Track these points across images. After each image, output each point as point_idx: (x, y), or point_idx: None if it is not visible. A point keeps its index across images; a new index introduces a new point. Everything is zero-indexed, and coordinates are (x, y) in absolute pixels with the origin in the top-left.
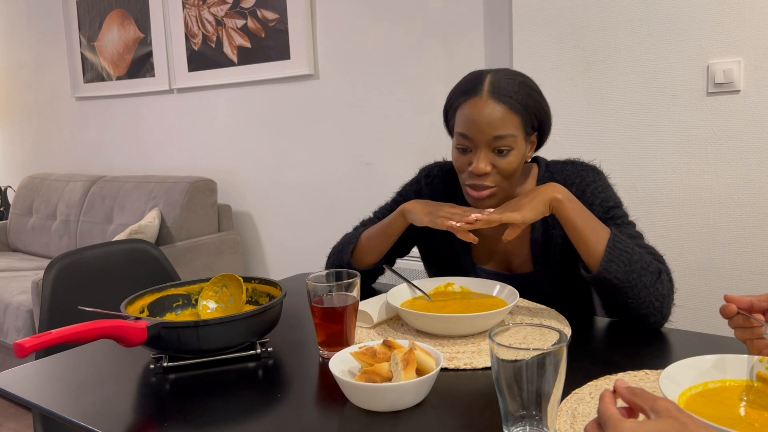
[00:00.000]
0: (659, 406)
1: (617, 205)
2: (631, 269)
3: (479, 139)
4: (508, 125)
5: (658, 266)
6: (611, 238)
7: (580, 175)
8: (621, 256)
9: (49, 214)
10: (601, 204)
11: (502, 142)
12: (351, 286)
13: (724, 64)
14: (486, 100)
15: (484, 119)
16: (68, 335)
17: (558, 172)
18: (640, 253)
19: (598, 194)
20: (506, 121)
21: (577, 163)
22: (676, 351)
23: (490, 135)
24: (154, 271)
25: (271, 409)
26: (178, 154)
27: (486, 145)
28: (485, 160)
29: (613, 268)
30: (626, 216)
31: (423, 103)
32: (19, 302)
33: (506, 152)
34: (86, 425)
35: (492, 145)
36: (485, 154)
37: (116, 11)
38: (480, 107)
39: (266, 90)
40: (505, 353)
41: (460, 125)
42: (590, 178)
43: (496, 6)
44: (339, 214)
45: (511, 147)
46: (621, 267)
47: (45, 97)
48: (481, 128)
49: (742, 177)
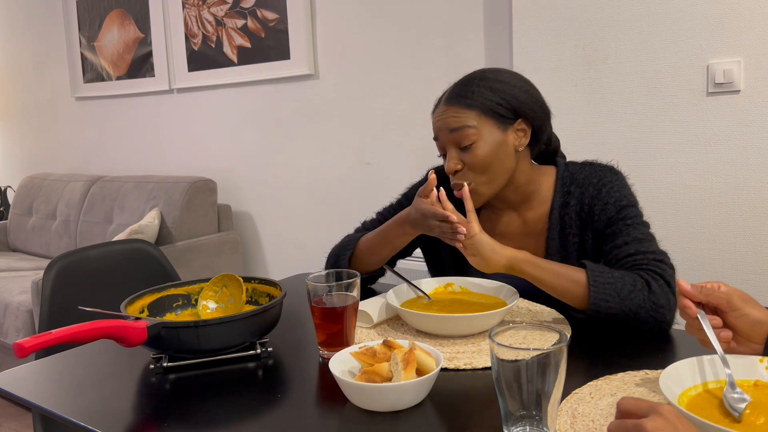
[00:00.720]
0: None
1: (631, 205)
2: (620, 297)
3: (444, 139)
4: (462, 118)
5: (645, 278)
6: (589, 274)
7: (598, 175)
8: (606, 288)
9: (49, 214)
10: (614, 203)
11: (460, 135)
12: (351, 286)
13: (724, 64)
14: (442, 106)
15: (442, 123)
16: (68, 335)
17: (577, 171)
18: (621, 276)
19: (613, 193)
20: (459, 115)
21: (595, 164)
22: (676, 351)
23: (447, 132)
24: (154, 271)
25: (271, 409)
26: (178, 154)
27: (451, 144)
28: (453, 158)
29: (603, 305)
30: (639, 216)
31: (423, 103)
32: (19, 302)
33: (470, 146)
34: (86, 425)
35: (454, 141)
36: (452, 152)
37: (116, 11)
38: (439, 113)
39: (266, 90)
40: (505, 353)
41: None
42: (608, 178)
43: (496, 6)
44: (339, 214)
45: (472, 140)
46: (611, 299)
47: (45, 97)
48: (442, 128)
49: (742, 177)
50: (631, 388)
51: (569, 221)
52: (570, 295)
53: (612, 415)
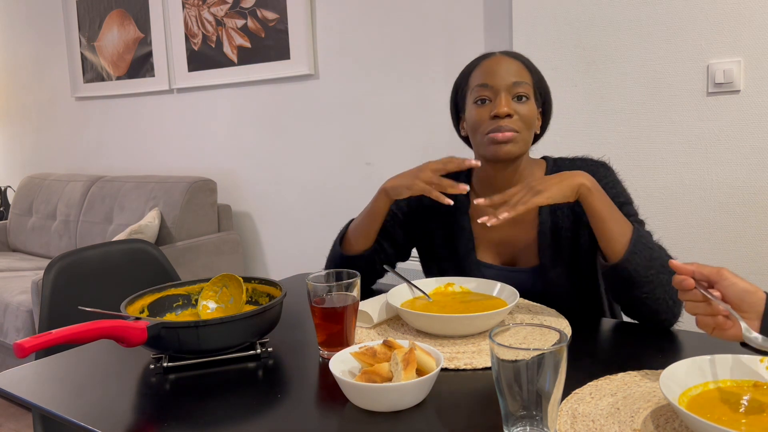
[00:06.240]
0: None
1: (628, 202)
2: (651, 264)
3: (499, 85)
4: (523, 75)
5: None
6: (635, 231)
7: (590, 171)
8: (644, 250)
9: (48, 214)
10: (612, 199)
11: (521, 89)
12: (351, 286)
13: (724, 64)
14: (500, 56)
15: (502, 68)
16: (68, 335)
17: (567, 167)
18: (659, 250)
19: (609, 189)
20: (521, 71)
21: (587, 159)
22: (677, 351)
23: (509, 80)
24: (154, 271)
25: (271, 409)
26: (178, 154)
27: (506, 90)
28: (507, 102)
29: (635, 261)
30: (636, 214)
31: (423, 103)
32: (19, 302)
33: (525, 99)
34: (86, 425)
35: (511, 90)
36: (506, 97)
37: (116, 11)
38: (497, 60)
39: (266, 90)
40: (505, 353)
41: (477, 79)
42: (601, 173)
43: (496, 6)
44: (339, 214)
45: (528, 96)
46: (642, 261)
47: (45, 97)
48: (500, 74)
49: (742, 177)
50: (631, 388)
51: (561, 215)
52: (613, 237)
53: (612, 414)
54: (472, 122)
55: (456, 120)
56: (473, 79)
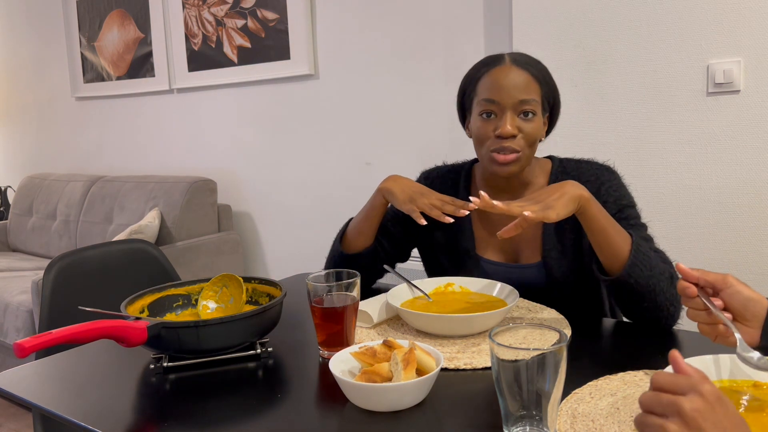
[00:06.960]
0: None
1: (631, 205)
2: (651, 274)
3: (505, 101)
4: (531, 91)
5: (670, 271)
6: (634, 241)
7: (595, 174)
8: (643, 260)
9: (49, 214)
10: (615, 202)
11: (527, 106)
12: (351, 286)
13: (724, 64)
14: (510, 66)
15: (510, 83)
16: (68, 335)
17: (573, 169)
18: (656, 257)
19: (612, 192)
20: (529, 86)
21: (592, 162)
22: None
23: (516, 98)
24: (154, 271)
25: (271, 409)
26: (178, 154)
27: (512, 108)
28: (512, 122)
29: (636, 272)
30: (639, 217)
31: (423, 103)
32: (19, 302)
33: (531, 116)
34: (86, 425)
35: (518, 108)
36: (511, 116)
37: (116, 11)
38: (505, 72)
39: (266, 90)
40: (505, 353)
41: (484, 92)
42: (605, 177)
43: (496, 6)
44: (339, 214)
45: (534, 112)
46: (643, 272)
47: (45, 97)
48: (507, 91)
49: (742, 177)
50: (631, 388)
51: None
52: (612, 249)
53: (612, 414)
54: (477, 134)
55: (462, 118)
56: (481, 89)
